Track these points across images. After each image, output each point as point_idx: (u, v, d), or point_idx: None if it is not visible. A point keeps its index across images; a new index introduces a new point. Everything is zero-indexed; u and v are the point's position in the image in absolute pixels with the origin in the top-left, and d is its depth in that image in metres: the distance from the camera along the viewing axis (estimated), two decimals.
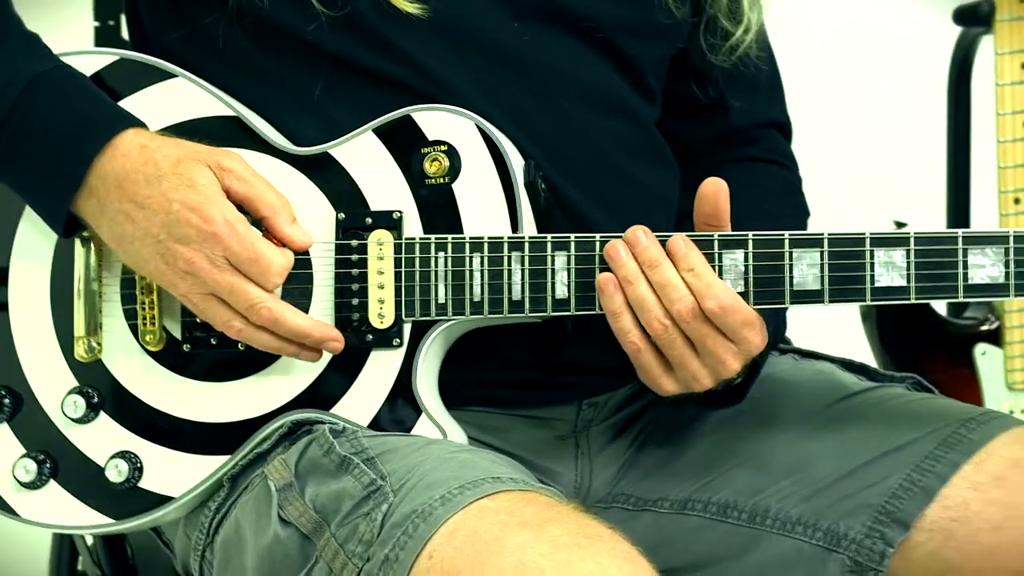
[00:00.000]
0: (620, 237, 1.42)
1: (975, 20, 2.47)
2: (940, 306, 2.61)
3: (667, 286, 1.40)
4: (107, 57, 1.51)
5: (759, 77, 1.69)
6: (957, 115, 2.60)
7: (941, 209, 2.66)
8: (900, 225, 2.33)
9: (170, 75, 1.50)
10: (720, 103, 1.69)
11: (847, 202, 1.65)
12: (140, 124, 1.43)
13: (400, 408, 1.44)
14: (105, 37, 2.47)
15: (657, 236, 1.42)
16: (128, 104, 1.49)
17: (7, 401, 1.49)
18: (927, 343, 2.55)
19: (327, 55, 1.49)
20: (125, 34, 2.63)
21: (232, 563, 1.43)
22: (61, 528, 1.51)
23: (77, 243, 1.48)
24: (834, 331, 1.98)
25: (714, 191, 1.44)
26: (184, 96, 1.50)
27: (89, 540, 1.72)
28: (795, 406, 1.59)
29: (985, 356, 2.52)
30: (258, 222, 1.42)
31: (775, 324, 1.54)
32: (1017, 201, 2.45)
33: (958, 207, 2.64)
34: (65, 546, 1.79)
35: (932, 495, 1.45)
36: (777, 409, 1.58)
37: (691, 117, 1.70)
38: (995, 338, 2.53)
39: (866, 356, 2.45)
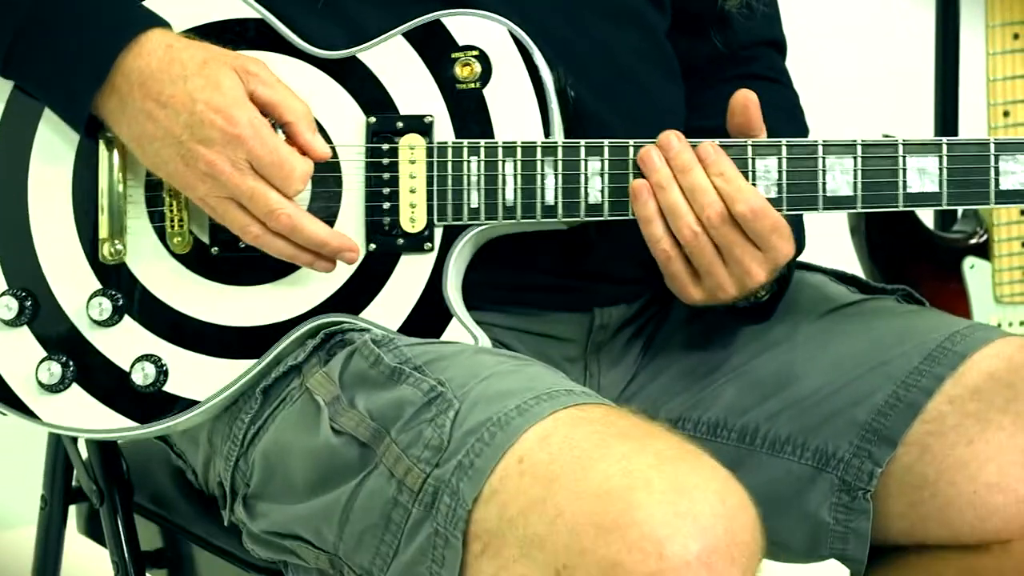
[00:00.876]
0: (653, 143, 1.42)
1: None
2: (929, 220, 2.62)
3: (697, 191, 1.41)
4: None
5: (756, 3, 1.69)
6: (945, 27, 2.61)
7: (929, 123, 2.67)
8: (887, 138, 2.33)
9: None
10: (721, 19, 1.69)
11: (833, 117, 1.65)
12: (166, 24, 1.42)
13: (430, 312, 1.44)
14: None
15: (689, 142, 1.42)
16: (149, 6, 1.46)
17: (27, 303, 1.47)
18: (916, 256, 2.56)
19: None
20: None
21: (277, 474, 1.42)
22: (84, 432, 1.50)
23: (101, 144, 1.46)
24: (823, 243, 1.97)
25: (743, 102, 1.44)
26: None
27: (84, 454, 1.71)
28: (785, 318, 1.58)
29: (973, 269, 2.54)
30: (280, 128, 1.41)
31: (797, 242, 1.54)
32: (1006, 114, 2.46)
33: (946, 120, 2.65)
34: (60, 460, 1.78)
35: (918, 411, 1.45)
36: (767, 322, 1.58)
37: (691, 33, 1.69)
38: (983, 251, 2.54)
39: (855, 269, 2.45)
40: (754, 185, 1.41)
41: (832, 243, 2.41)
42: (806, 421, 1.50)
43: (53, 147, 1.48)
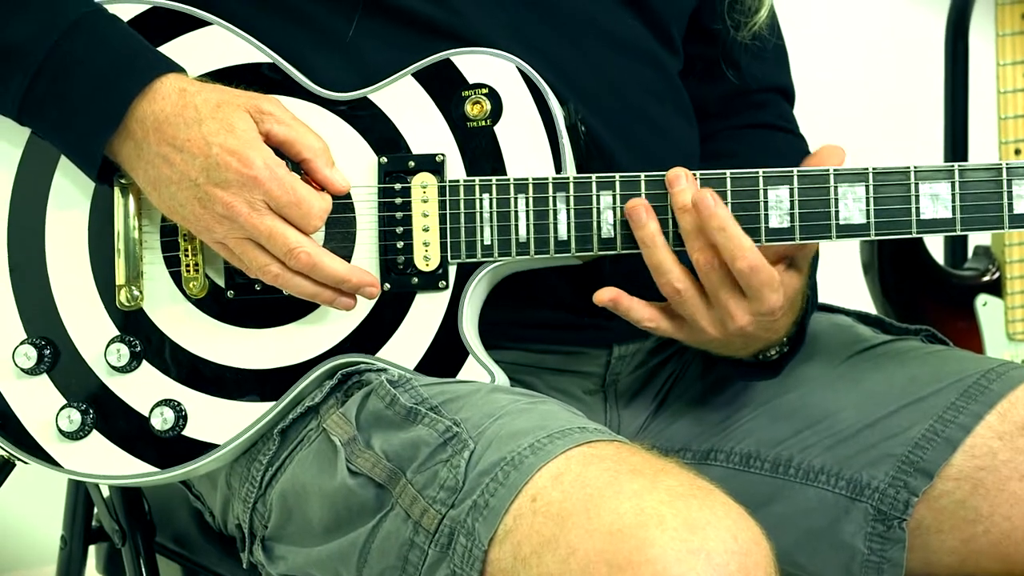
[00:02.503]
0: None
1: None
2: (941, 257, 2.63)
3: (691, 235, 1.42)
4: (139, 6, 1.50)
5: (767, 41, 1.71)
6: (955, 66, 2.61)
7: (939, 137, 2.67)
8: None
9: (204, 23, 1.49)
10: (731, 63, 1.70)
11: (842, 134, 1.66)
12: (180, 69, 1.43)
13: (447, 350, 1.44)
14: None
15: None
16: (163, 51, 1.47)
17: (46, 352, 1.47)
18: (929, 294, 2.56)
19: None
20: None
21: (295, 515, 1.43)
22: (105, 479, 1.50)
23: (116, 191, 1.47)
24: (836, 282, 1.98)
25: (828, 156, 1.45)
26: (219, 43, 1.49)
27: (105, 493, 1.71)
28: (813, 358, 1.59)
29: (986, 307, 2.54)
30: (297, 167, 1.42)
31: (811, 295, 1.55)
32: (1018, 152, 2.47)
33: (956, 159, 2.65)
34: (80, 500, 1.78)
35: (956, 445, 1.46)
36: (796, 360, 1.58)
37: (702, 76, 1.70)
38: (996, 289, 2.54)
39: (868, 306, 2.46)
40: (767, 215, 1.42)
41: (846, 280, 2.42)
42: (841, 452, 1.50)
43: (69, 194, 1.49)
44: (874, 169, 1.41)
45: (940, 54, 2.63)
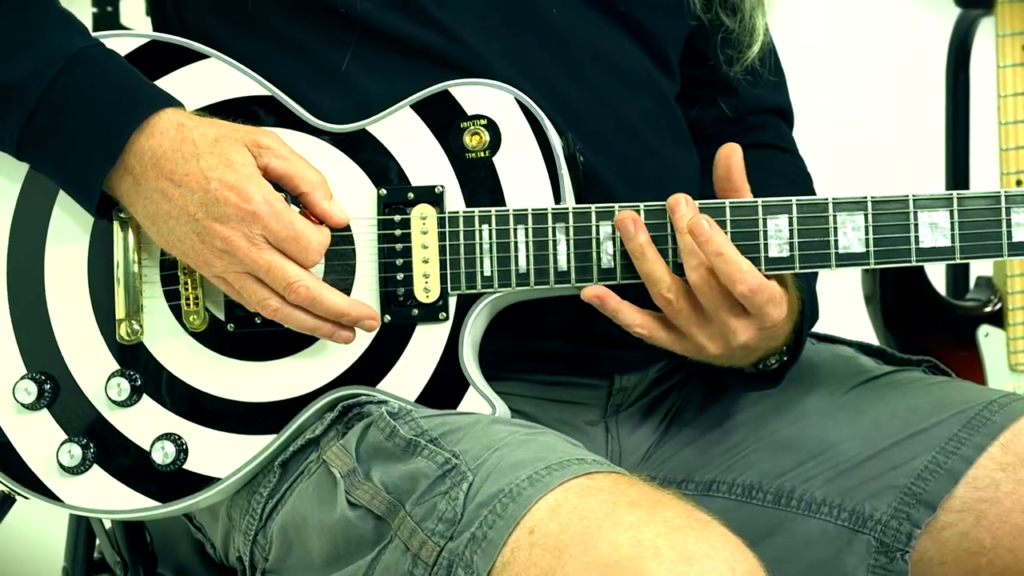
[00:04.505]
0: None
1: (977, 2, 2.48)
2: (943, 287, 2.62)
3: (688, 253, 1.42)
4: (137, 39, 1.51)
5: (765, 63, 1.71)
6: (956, 97, 2.62)
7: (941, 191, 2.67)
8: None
9: (202, 56, 1.50)
10: (727, 87, 1.70)
11: (845, 187, 1.66)
12: (177, 104, 1.43)
13: (448, 382, 1.44)
14: (104, 23, 2.46)
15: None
16: (161, 86, 1.48)
17: (47, 387, 1.47)
18: (931, 325, 2.56)
19: (357, 24, 1.49)
20: (124, 19, 2.63)
21: (295, 548, 1.42)
22: (106, 513, 1.50)
23: (115, 225, 1.47)
24: (838, 313, 1.98)
25: (727, 155, 1.45)
26: (217, 77, 1.49)
27: (107, 524, 1.71)
28: (816, 388, 1.59)
29: (988, 338, 2.54)
30: (295, 199, 1.42)
31: (811, 305, 1.55)
32: (1019, 183, 2.47)
33: (957, 188, 2.65)
34: (82, 531, 1.78)
35: (958, 477, 1.45)
36: (798, 392, 1.58)
37: (698, 100, 1.70)
38: (998, 320, 2.55)
39: (870, 337, 2.46)
40: (766, 244, 1.42)
41: (848, 311, 2.42)
42: (843, 484, 1.50)
43: (68, 228, 1.49)
44: (873, 198, 1.41)
45: (942, 85, 2.63)
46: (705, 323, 1.43)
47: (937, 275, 2.60)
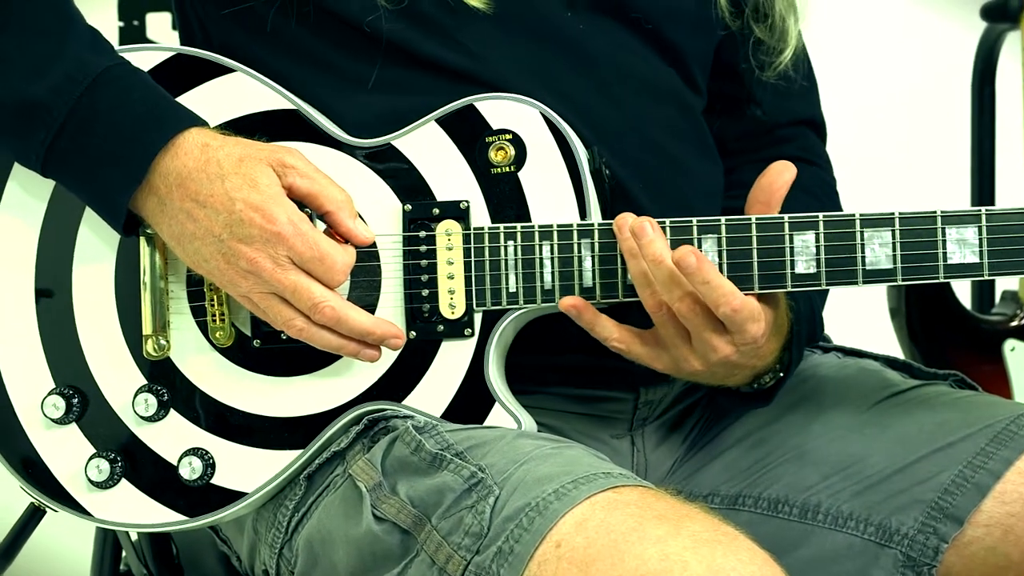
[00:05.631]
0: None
1: (1003, 16, 2.48)
2: (968, 301, 2.62)
3: (671, 283, 1.41)
4: (163, 53, 1.51)
5: (796, 74, 1.70)
6: (981, 111, 2.62)
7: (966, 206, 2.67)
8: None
9: (228, 70, 1.50)
10: (753, 100, 1.70)
11: (871, 199, 1.66)
12: (202, 123, 1.43)
13: (473, 398, 1.44)
14: (130, 37, 2.47)
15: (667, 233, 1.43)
16: (186, 100, 1.48)
17: (75, 401, 1.48)
18: (956, 339, 2.56)
19: (384, 43, 1.49)
20: (150, 34, 2.64)
21: (321, 561, 1.42)
22: (133, 527, 1.51)
23: (142, 242, 1.47)
24: (864, 327, 1.98)
25: (780, 171, 1.45)
26: (242, 90, 1.50)
27: (134, 537, 1.71)
28: (842, 402, 1.59)
29: (1014, 352, 2.53)
30: (320, 217, 1.42)
31: (811, 323, 1.55)
32: None
33: (983, 204, 2.64)
34: (109, 543, 1.78)
35: (985, 491, 1.45)
36: (824, 405, 1.58)
37: (725, 113, 1.71)
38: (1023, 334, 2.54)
39: (895, 351, 2.45)
40: (793, 260, 1.42)
41: (873, 325, 2.42)
42: (869, 498, 1.49)
43: (95, 245, 1.50)
44: (900, 214, 1.41)
45: (967, 99, 2.63)
46: (688, 338, 1.44)
47: (962, 289, 2.59)
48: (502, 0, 1.49)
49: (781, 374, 1.52)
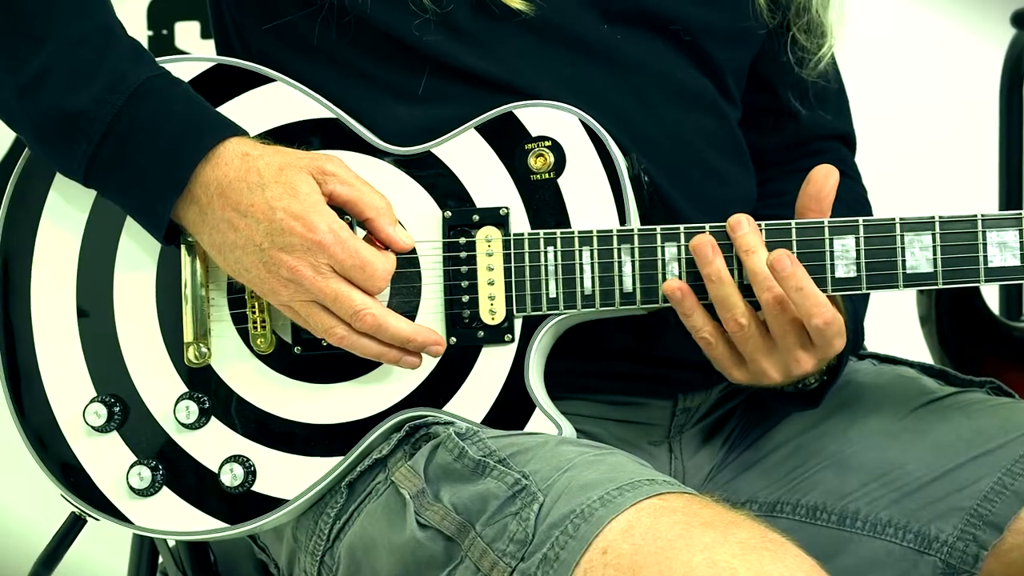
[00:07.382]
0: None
1: None
2: (995, 307, 2.61)
3: (759, 275, 1.41)
4: (204, 63, 1.52)
5: (828, 89, 1.71)
6: (1010, 117, 2.61)
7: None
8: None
9: (268, 79, 1.51)
10: (789, 112, 1.71)
11: (900, 205, 1.66)
12: (243, 132, 1.44)
13: (514, 403, 1.45)
14: (159, 46, 2.48)
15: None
16: (227, 109, 1.49)
17: (116, 409, 1.48)
18: (985, 345, 2.55)
19: (425, 55, 1.50)
20: (179, 42, 2.65)
21: (363, 568, 1.43)
22: (175, 535, 1.51)
23: (183, 250, 1.48)
24: (895, 334, 1.98)
25: (825, 174, 1.45)
26: (282, 100, 1.50)
27: (171, 542, 1.72)
28: (879, 409, 1.59)
29: None
30: (360, 224, 1.43)
31: (854, 330, 1.55)
32: None
33: (1011, 208, 2.64)
34: (146, 550, 1.78)
35: None
36: (861, 412, 1.58)
37: (760, 126, 1.71)
38: None
39: (925, 357, 2.45)
40: (833, 264, 1.42)
41: (903, 332, 2.42)
42: (907, 505, 1.50)
43: (136, 253, 1.50)
44: (941, 217, 1.41)
45: (995, 105, 2.63)
46: (771, 350, 1.44)
47: (991, 295, 2.59)
48: (540, 10, 1.49)
49: (825, 377, 1.52)
